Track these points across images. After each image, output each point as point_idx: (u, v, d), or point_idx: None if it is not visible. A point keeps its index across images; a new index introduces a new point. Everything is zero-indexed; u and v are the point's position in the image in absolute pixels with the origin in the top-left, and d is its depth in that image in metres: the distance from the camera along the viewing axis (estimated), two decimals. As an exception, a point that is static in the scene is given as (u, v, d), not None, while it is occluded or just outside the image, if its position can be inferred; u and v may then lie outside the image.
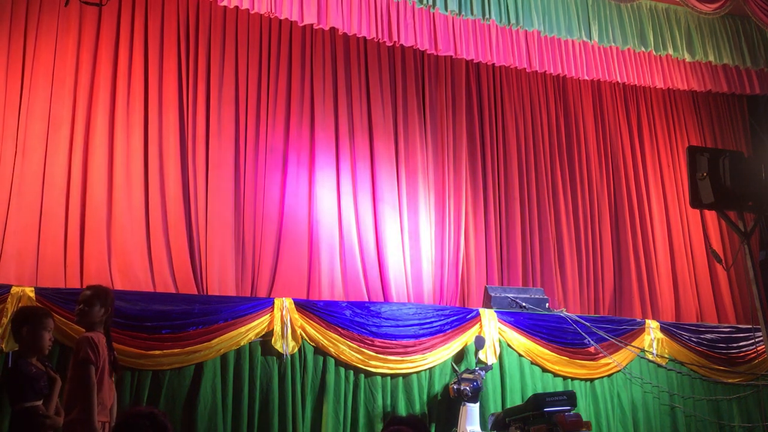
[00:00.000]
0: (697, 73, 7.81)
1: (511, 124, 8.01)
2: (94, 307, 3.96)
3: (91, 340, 3.83)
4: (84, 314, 3.96)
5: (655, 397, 6.81)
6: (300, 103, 7.05)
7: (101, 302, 3.99)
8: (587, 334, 6.62)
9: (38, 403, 3.71)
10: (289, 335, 5.54)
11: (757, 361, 7.25)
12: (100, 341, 3.88)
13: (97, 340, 3.86)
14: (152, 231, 6.21)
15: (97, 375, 3.82)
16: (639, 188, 8.41)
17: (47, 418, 3.72)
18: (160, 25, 6.65)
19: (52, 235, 5.85)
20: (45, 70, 6.14)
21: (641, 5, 7.44)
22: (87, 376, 3.75)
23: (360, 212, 7.01)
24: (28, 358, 3.81)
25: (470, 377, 5.81)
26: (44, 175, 5.95)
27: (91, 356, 3.78)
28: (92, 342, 3.82)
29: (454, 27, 6.72)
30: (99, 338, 3.90)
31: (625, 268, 8.08)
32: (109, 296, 4.07)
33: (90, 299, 3.98)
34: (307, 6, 6.07)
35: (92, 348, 3.79)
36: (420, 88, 7.67)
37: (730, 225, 4.53)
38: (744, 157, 4.54)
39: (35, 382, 3.72)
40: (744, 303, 8.26)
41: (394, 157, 7.30)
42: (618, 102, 8.66)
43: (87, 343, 3.81)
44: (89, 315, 3.95)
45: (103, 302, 3.99)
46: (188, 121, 6.56)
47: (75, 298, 4.19)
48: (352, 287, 6.73)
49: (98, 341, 3.87)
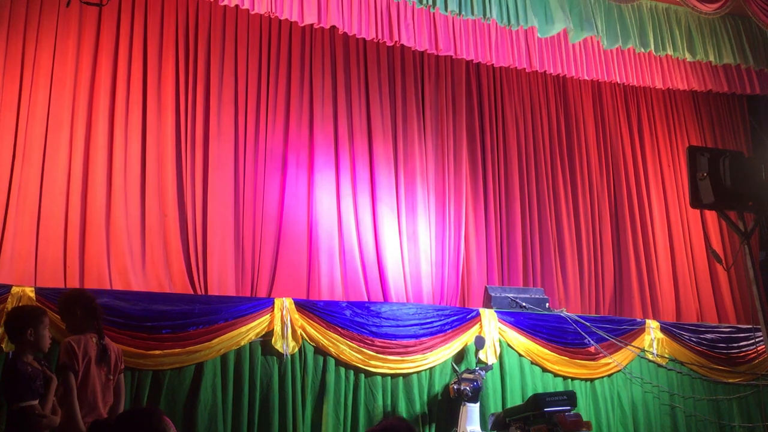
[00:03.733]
0: (698, 73, 7.81)
1: (512, 125, 8.01)
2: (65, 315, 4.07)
3: (68, 345, 3.87)
4: (66, 325, 4.08)
5: (655, 397, 6.81)
6: (299, 104, 7.05)
7: (70, 308, 4.05)
8: (587, 334, 6.62)
9: (34, 403, 3.70)
10: (289, 335, 5.54)
11: (758, 361, 7.25)
12: (81, 344, 3.90)
13: (76, 344, 3.88)
14: (152, 232, 6.22)
15: (79, 378, 3.83)
16: (639, 188, 8.41)
17: (44, 418, 3.71)
18: (160, 27, 6.65)
19: (51, 236, 5.86)
20: (45, 72, 6.14)
21: (641, 5, 7.43)
22: (65, 380, 3.82)
23: (359, 213, 7.01)
24: (25, 357, 3.81)
25: (470, 377, 5.81)
26: (44, 176, 5.96)
27: (67, 361, 3.82)
28: (69, 347, 3.86)
29: (454, 27, 6.72)
30: (81, 341, 3.91)
31: (626, 268, 8.08)
32: (81, 297, 4.12)
33: (60, 307, 4.13)
34: (307, 6, 6.07)
35: (68, 353, 3.84)
36: (420, 89, 7.67)
37: (730, 225, 4.52)
38: (744, 157, 4.53)
39: (32, 381, 3.72)
40: (744, 303, 8.26)
41: (393, 158, 7.31)
42: (618, 102, 8.66)
43: (63, 349, 3.89)
44: (68, 321, 4.05)
45: (72, 305, 4.04)
46: (187, 123, 6.56)
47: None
48: (352, 288, 6.73)
49: (78, 345, 3.88)
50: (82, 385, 3.86)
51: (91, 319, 4.05)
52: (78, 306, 4.06)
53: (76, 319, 4.02)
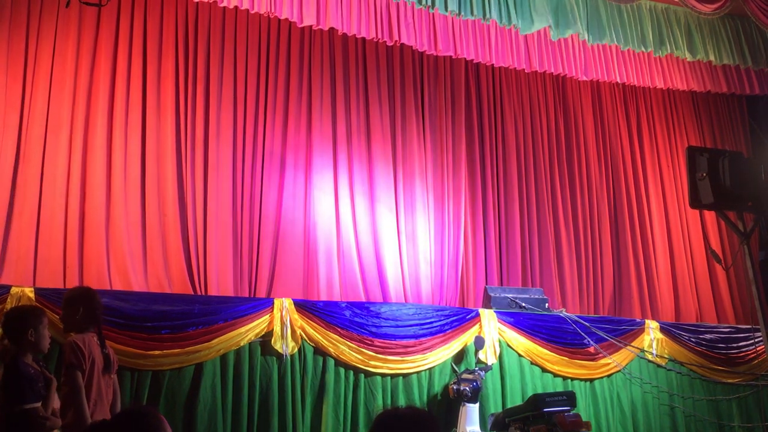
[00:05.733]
0: (697, 74, 7.81)
1: (511, 126, 8.01)
2: (67, 309, 4.04)
3: (74, 345, 3.86)
4: (63, 319, 4.06)
5: (654, 397, 6.81)
6: (298, 105, 7.05)
7: (74, 303, 4.03)
8: (587, 335, 6.62)
9: (37, 405, 3.69)
10: (288, 335, 5.54)
11: (757, 362, 7.25)
12: (86, 343, 3.90)
13: (81, 343, 3.88)
14: (151, 232, 6.22)
15: (86, 377, 3.84)
16: (638, 189, 8.41)
17: (47, 420, 3.71)
18: (159, 27, 6.65)
19: (51, 236, 5.86)
20: (44, 72, 6.14)
21: (641, 5, 7.43)
22: (73, 379, 3.80)
23: (358, 213, 7.01)
24: (25, 358, 3.80)
25: (470, 377, 5.82)
26: (43, 176, 5.96)
27: (74, 360, 3.82)
28: (74, 346, 3.85)
29: (454, 27, 6.71)
30: (85, 340, 3.91)
31: (625, 269, 8.08)
32: (84, 295, 4.10)
33: (64, 303, 4.08)
34: (307, 6, 6.07)
35: (74, 352, 3.83)
36: (419, 89, 7.67)
37: (730, 225, 4.53)
38: (744, 157, 4.54)
39: (34, 383, 3.71)
40: (743, 303, 8.26)
41: (392, 159, 7.30)
42: (617, 103, 8.66)
43: (69, 348, 3.87)
44: (66, 318, 4.03)
45: (76, 302, 4.03)
46: (186, 123, 6.56)
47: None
48: (350, 288, 6.73)
49: (83, 343, 3.88)
50: (88, 383, 3.86)
51: (91, 320, 4.04)
52: (82, 304, 4.06)
53: (77, 316, 4.01)
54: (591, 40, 7.05)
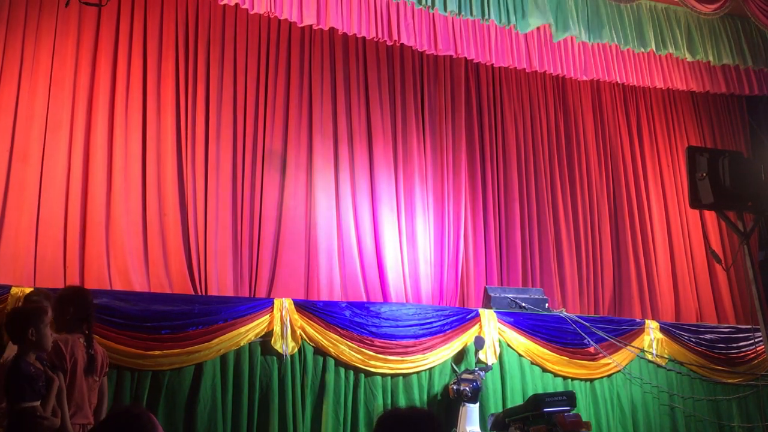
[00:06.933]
0: (697, 74, 7.82)
1: (511, 126, 8.01)
2: (57, 309, 4.02)
3: (56, 345, 3.84)
4: (53, 318, 4.03)
5: (654, 397, 6.81)
6: (299, 105, 7.05)
7: (65, 303, 4.03)
8: (587, 335, 6.62)
9: (36, 404, 3.69)
10: (288, 335, 5.54)
11: (757, 362, 7.25)
12: (68, 343, 3.88)
13: (63, 343, 3.86)
14: (151, 232, 6.22)
15: (67, 378, 3.82)
16: (638, 189, 8.42)
17: (45, 419, 3.70)
18: (159, 27, 6.65)
19: (51, 236, 5.86)
20: (44, 72, 6.14)
21: (641, 5, 7.44)
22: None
23: (358, 213, 7.01)
24: (27, 357, 3.80)
25: (470, 377, 5.81)
26: (43, 176, 5.96)
27: (55, 361, 3.81)
28: (56, 347, 3.84)
29: (454, 27, 6.72)
30: (69, 340, 3.90)
31: (625, 269, 8.08)
32: (76, 295, 4.09)
33: (55, 303, 4.07)
34: (307, 6, 6.07)
35: (56, 353, 3.82)
36: (419, 90, 7.67)
37: (730, 225, 4.53)
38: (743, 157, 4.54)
39: (35, 382, 3.70)
40: (743, 303, 8.26)
41: (392, 159, 7.31)
42: (617, 103, 8.66)
43: (51, 349, 3.84)
44: (56, 318, 4.00)
45: (67, 303, 4.02)
46: (187, 123, 6.56)
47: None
48: (351, 289, 6.73)
49: (66, 344, 3.87)
50: (70, 385, 3.84)
51: (81, 321, 4.03)
52: (73, 304, 4.05)
53: (66, 316, 4.00)
54: (591, 40, 7.05)
